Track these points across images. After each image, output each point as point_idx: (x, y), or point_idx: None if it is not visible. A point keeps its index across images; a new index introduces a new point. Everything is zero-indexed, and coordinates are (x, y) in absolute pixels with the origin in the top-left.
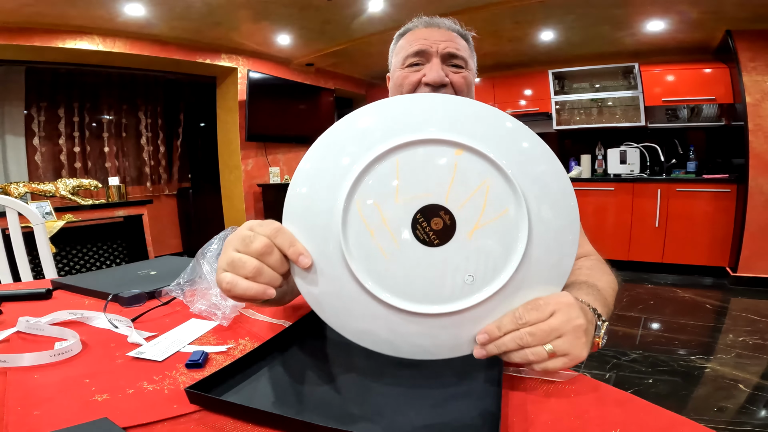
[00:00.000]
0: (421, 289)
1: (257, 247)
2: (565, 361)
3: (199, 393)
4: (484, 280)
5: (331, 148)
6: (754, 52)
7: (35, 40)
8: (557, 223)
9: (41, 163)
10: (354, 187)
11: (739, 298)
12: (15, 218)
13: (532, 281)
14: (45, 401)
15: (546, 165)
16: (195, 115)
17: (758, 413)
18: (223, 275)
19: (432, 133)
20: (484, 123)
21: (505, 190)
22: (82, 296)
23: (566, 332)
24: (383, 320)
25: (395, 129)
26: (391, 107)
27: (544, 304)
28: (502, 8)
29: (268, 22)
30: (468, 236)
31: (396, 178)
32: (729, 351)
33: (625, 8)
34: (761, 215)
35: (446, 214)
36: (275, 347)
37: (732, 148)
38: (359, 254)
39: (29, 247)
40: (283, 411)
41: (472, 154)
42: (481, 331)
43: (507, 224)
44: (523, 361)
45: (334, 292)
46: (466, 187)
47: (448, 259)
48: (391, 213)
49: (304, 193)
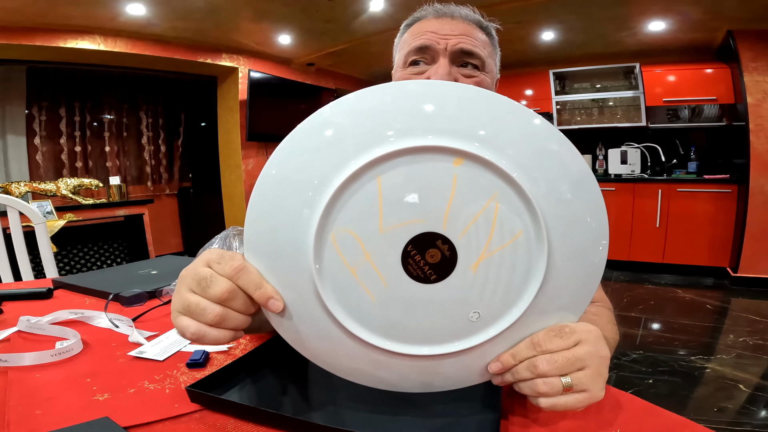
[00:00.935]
0: (418, 330)
1: (217, 293)
2: (580, 399)
3: (199, 392)
4: (493, 316)
5: (292, 162)
6: (756, 53)
7: (37, 40)
8: (583, 247)
9: (42, 163)
10: (325, 218)
11: (740, 298)
12: (16, 217)
13: (549, 312)
14: (46, 400)
15: (574, 175)
16: (196, 114)
17: (758, 414)
18: (183, 322)
19: (422, 138)
20: (494, 120)
21: (518, 209)
22: (83, 296)
23: (590, 365)
24: (376, 362)
25: (373, 135)
26: (366, 103)
27: (569, 332)
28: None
29: (269, 21)
30: (472, 269)
31: (378, 201)
32: (729, 351)
33: (626, 8)
34: (762, 215)
35: (444, 244)
36: (276, 346)
37: (733, 149)
38: (340, 297)
39: (30, 246)
40: (284, 410)
41: (475, 163)
42: (495, 359)
43: (521, 251)
44: (532, 392)
45: (315, 335)
46: (468, 208)
47: (448, 297)
48: (375, 246)
49: (265, 225)
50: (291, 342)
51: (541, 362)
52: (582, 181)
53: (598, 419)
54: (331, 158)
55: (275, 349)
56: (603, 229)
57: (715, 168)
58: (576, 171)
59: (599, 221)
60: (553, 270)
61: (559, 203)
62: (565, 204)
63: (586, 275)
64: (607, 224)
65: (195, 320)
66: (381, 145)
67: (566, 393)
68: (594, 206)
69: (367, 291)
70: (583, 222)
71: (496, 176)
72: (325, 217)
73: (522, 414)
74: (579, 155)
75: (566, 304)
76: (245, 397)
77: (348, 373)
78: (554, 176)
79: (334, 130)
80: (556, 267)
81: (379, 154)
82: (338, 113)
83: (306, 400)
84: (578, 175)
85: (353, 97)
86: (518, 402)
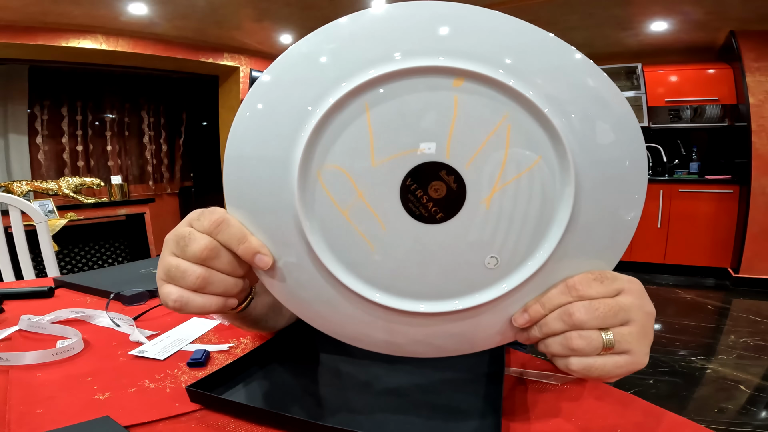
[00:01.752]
0: (426, 282)
1: (195, 251)
2: (620, 363)
3: (199, 392)
4: (514, 261)
5: (270, 97)
6: (758, 53)
7: (39, 39)
8: (617, 172)
9: (44, 162)
10: (309, 152)
11: (741, 299)
12: (18, 216)
13: (579, 257)
14: (47, 399)
15: (596, 82)
16: (197, 114)
17: (759, 414)
18: (165, 289)
19: (412, 59)
20: (497, 35)
21: (534, 129)
22: (84, 295)
23: (636, 320)
24: (381, 323)
25: (358, 58)
26: (350, 25)
27: (612, 278)
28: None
29: (271, 21)
30: (485, 203)
31: (368, 131)
32: (730, 352)
33: (628, 8)
34: (764, 216)
35: (449, 175)
36: (277, 345)
37: (735, 149)
38: (333, 246)
39: (32, 245)
40: (285, 410)
41: (477, 82)
42: (521, 309)
43: (541, 179)
44: (562, 350)
45: (310, 294)
46: (475, 132)
47: (458, 239)
48: (367, 182)
49: (244, 170)
50: (286, 304)
51: (577, 309)
52: (611, 97)
53: (598, 420)
54: (312, 89)
55: (277, 348)
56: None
57: (716, 168)
58: (617, 109)
59: (638, 150)
60: (583, 202)
61: (584, 119)
62: (592, 120)
63: (623, 212)
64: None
65: (176, 285)
66: (367, 70)
67: (605, 353)
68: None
69: (363, 236)
70: (620, 138)
71: (505, 95)
72: (309, 152)
73: (522, 414)
74: (603, 73)
75: (599, 248)
76: (246, 397)
77: (351, 337)
78: (577, 90)
79: (313, 59)
80: (586, 199)
81: (363, 80)
82: (320, 41)
83: (307, 399)
84: (606, 90)
85: (338, 21)
86: (519, 402)
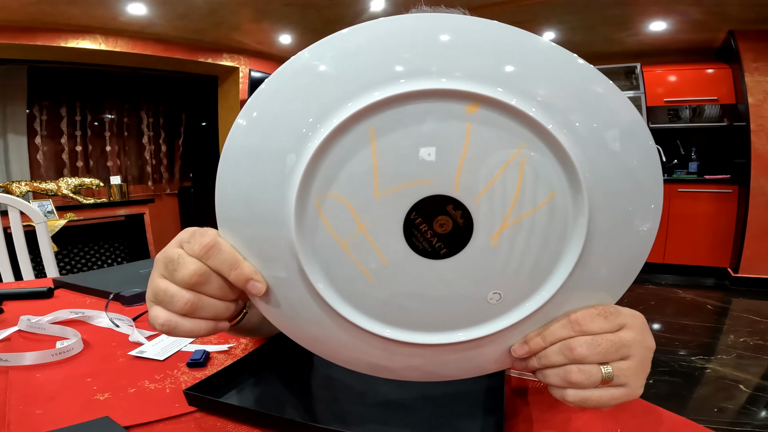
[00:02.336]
0: (426, 315)
1: (184, 277)
2: (616, 395)
3: (197, 395)
4: (517, 297)
5: (266, 116)
6: (757, 53)
7: (38, 40)
8: (632, 209)
9: (43, 162)
10: (307, 179)
11: (740, 298)
12: (17, 217)
13: (585, 291)
14: (47, 400)
15: (623, 122)
16: (197, 114)
17: (759, 414)
18: (153, 312)
19: (426, 81)
20: (516, 56)
21: (551, 164)
22: (84, 295)
23: (635, 355)
24: (377, 351)
25: (364, 78)
26: (356, 39)
27: (614, 312)
28: (502, 8)
29: (270, 21)
30: (492, 240)
31: (372, 159)
32: (730, 352)
33: (627, 8)
34: (763, 216)
35: (457, 210)
36: (277, 347)
37: (734, 149)
38: (332, 278)
39: (31, 245)
40: (283, 413)
41: (494, 109)
42: (521, 341)
43: (553, 216)
44: (560, 382)
45: (306, 321)
46: (487, 165)
47: (462, 275)
48: (370, 215)
49: (237, 194)
50: (281, 328)
51: (579, 344)
52: (632, 130)
53: (598, 420)
54: (313, 108)
55: (276, 349)
56: (657, 186)
57: (716, 168)
58: (626, 117)
59: (653, 177)
60: (595, 239)
61: (603, 155)
62: (611, 156)
63: (634, 244)
64: (661, 181)
65: (164, 309)
66: (373, 91)
67: (602, 386)
68: (646, 159)
69: (363, 270)
70: (633, 178)
71: (522, 124)
72: (307, 180)
73: (523, 414)
74: (628, 101)
75: (607, 282)
76: (245, 400)
77: (346, 362)
78: (599, 123)
79: (315, 75)
80: (599, 235)
81: (369, 102)
82: (321, 55)
83: (306, 402)
84: (628, 122)
85: (344, 32)
86: (519, 402)
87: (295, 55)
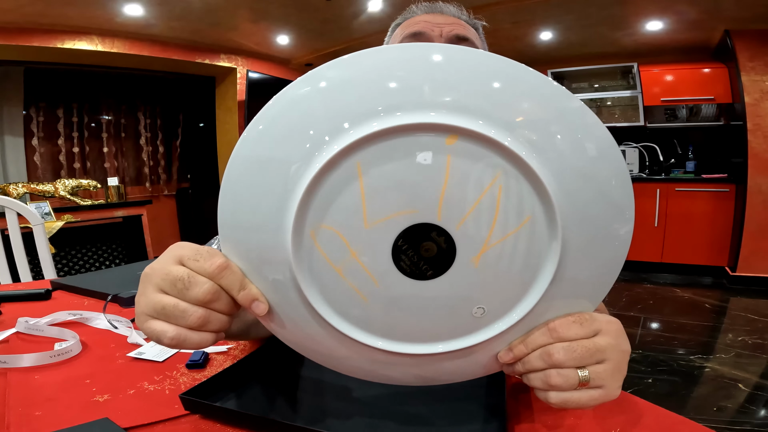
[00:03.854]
0: (417, 329)
1: (199, 295)
2: (594, 396)
3: (193, 399)
4: (500, 310)
5: (261, 146)
6: (753, 52)
7: (34, 41)
8: (604, 225)
9: (40, 164)
10: (301, 215)
11: (738, 297)
12: (14, 219)
13: (563, 300)
14: (46, 402)
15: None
16: (194, 115)
17: (758, 413)
18: (158, 326)
19: (407, 115)
20: (497, 87)
21: (525, 191)
22: (82, 297)
23: (610, 359)
24: (374, 361)
25: (349, 113)
26: (337, 75)
27: (590, 319)
28: (501, 8)
29: (267, 22)
30: (474, 262)
31: (360, 192)
32: (728, 350)
33: (624, 8)
34: (760, 215)
35: (440, 236)
36: (274, 350)
37: (731, 148)
38: (329, 298)
39: (28, 247)
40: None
41: (472, 141)
42: (506, 348)
43: (530, 237)
44: (542, 385)
45: (306, 336)
46: (467, 193)
47: (448, 294)
48: (361, 243)
49: (238, 219)
50: (281, 338)
51: (557, 350)
52: (605, 152)
53: (597, 419)
54: (299, 147)
55: (274, 352)
56: (628, 201)
57: (713, 167)
58: (599, 140)
59: (623, 192)
60: (569, 256)
61: (576, 180)
62: (585, 180)
63: (609, 257)
64: (632, 196)
65: (173, 324)
66: (358, 127)
67: (581, 388)
68: (618, 178)
69: (357, 291)
70: (605, 196)
71: (499, 155)
72: (301, 214)
73: (524, 414)
74: (598, 120)
75: (584, 290)
76: (241, 404)
77: (346, 370)
78: (570, 145)
79: (300, 111)
80: (573, 252)
81: (355, 138)
82: (306, 91)
83: (303, 406)
84: (601, 145)
85: (327, 66)
86: (519, 402)
87: (276, 95)
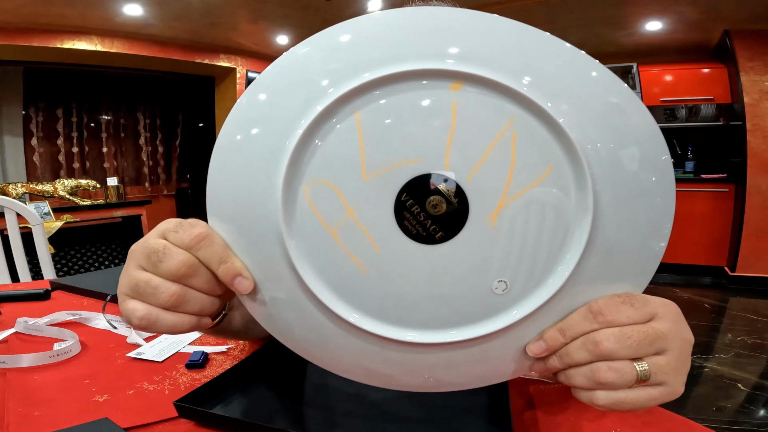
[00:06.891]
0: (426, 309)
1: (171, 268)
2: (654, 396)
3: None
4: (525, 285)
5: (256, 108)
6: (752, 52)
7: (33, 41)
8: (642, 181)
9: (39, 164)
10: (294, 165)
11: (738, 297)
12: (13, 219)
13: (602, 280)
14: (45, 402)
15: (615, 95)
16: (194, 115)
17: (757, 413)
18: (129, 305)
19: (406, 63)
20: (500, 38)
21: (543, 135)
22: (81, 297)
23: (672, 348)
24: (375, 353)
25: (349, 64)
26: (343, 31)
27: (642, 300)
28: (500, 8)
29: (267, 22)
30: (491, 220)
31: (358, 141)
32: (728, 350)
33: (623, 8)
34: (759, 215)
35: (450, 189)
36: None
37: (730, 148)
38: (321, 268)
39: (28, 247)
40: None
41: (478, 86)
42: (536, 337)
43: (554, 192)
44: (588, 383)
45: (296, 321)
46: (477, 140)
47: (461, 261)
48: (358, 198)
49: (226, 184)
50: (270, 331)
51: (605, 337)
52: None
53: (597, 419)
54: (299, 97)
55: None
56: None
57: (712, 167)
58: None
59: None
60: (603, 218)
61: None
62: (607, 124)
63: (649, 221)
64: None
65: (144, 302)
66: (358, 74)
67: (637, 386)
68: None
69: (354, 259)
70: (634, 141)
71: (508, 100)
72: (294, 165)
73: (524, 415)
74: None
75: (626, 269)
76: (238, 411)
77: (339, 367)
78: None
79: (302, 65)
80: (608, 215)
81: (355, 85)
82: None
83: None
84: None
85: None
86: (520, 402)
87: (286, 52)
